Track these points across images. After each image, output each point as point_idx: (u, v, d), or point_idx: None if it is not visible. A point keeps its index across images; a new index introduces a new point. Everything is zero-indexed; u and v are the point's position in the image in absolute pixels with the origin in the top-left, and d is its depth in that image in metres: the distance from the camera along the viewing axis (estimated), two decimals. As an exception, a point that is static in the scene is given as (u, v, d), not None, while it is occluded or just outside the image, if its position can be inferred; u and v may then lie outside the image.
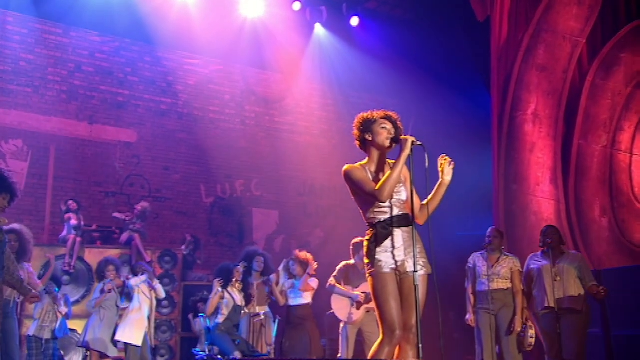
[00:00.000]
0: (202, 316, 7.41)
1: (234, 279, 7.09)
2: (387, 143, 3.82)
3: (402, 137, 3.74)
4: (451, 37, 11.17)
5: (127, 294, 7.30)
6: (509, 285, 6.56)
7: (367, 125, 3.91)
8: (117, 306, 7.35)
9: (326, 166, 12.42)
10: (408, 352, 3.66)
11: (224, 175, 11.44)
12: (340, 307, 6.98)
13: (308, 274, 7.23)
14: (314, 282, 7.35)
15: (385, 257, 3.72)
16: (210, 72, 11.64)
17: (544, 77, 9.40)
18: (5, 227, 6.11)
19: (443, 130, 11.97)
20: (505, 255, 6.72)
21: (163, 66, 11.13)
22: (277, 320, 7.55)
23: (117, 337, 7.06)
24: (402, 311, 3.66)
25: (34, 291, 5.43)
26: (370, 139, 3.90)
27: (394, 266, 3.72)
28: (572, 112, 9.32)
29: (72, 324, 7.95)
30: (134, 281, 7.24)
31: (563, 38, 9.52)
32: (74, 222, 9.06)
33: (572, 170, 9.19)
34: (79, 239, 8.95)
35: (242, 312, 7.07)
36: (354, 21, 11.55)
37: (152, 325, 7.56)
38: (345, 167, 3.90)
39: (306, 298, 7.25)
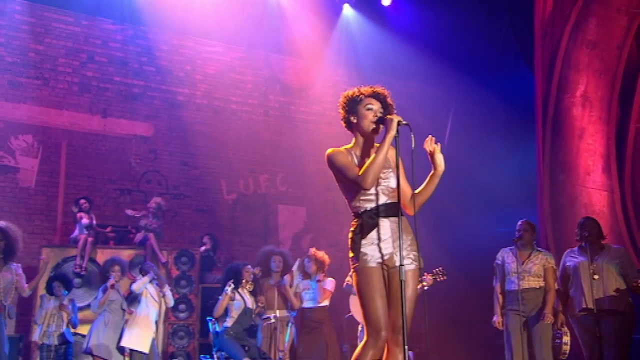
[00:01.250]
0: (210, 319, 7.28)
1: (243, 280, 6.89)
2: (372, 127, 3.68)
3: (388, 116, 3.58)
4: (491, 14, 10.78)
5: (134, 297, 7.19)
6: (542, 284, 6.24)
7: (351, 106, 3.77)
8: (123, 309, 7.26)
9: None
10: (397, 356, 3.50)
11: (246, 170, 11.32)
12: (359, 309, 6.67)
13: (319, 280, 7.04)
14: (330, 284, 7.17)
15: (371, 250, 3.57)
16: (231, 59, 11.53)
17: (595, 55, 8.98)
18: None
19: (483, 116, 11.66)
20: (537, 250, 6.42)
21: (180, 54, 11.07)
22: (290, 324, 7.36)
23: (122, 343, 6.98)
24: (390, 310, 3.51)
25: None
26: (355, 121, 3.77)
27: (380, 260, 3.57)
28: (628, 93, 8.89)
29: (82, 329, 7.91)
30: (135, 285, 7.15)
31: (618, 11, 9.07)
32: (85, 221, 9.06)
33: (629, 157, 8.77)
34: (90, 239, 8.93)
35: (253, 315, 6.89)
36: (386, 1, 11.28)
37: (161, 330, 7.46)
38: (329, 150, 3.77)
39: (322, 300, 7.06)
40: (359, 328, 6.85)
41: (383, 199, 3.62)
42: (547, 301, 6.11)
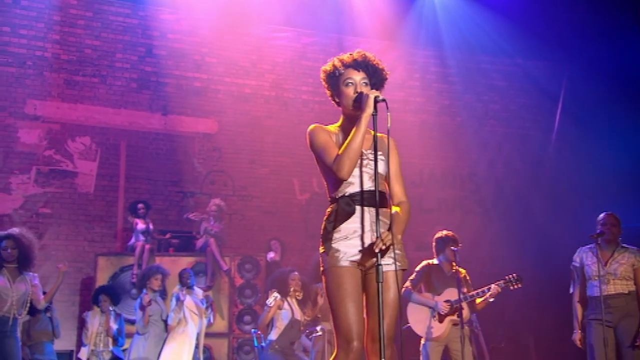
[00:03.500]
0: (255, 332, 6.90)
1: (291, 289, 6.66)
2: (354, 105, 3.37)
3: (363, 92, 3.31)
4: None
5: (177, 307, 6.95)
6: (632, 288, 5.67)
7: (331, 83, 3.52)
8: (164, 321, 7.11)
9: (449, 149, 11.68)
10: None
11: None
12: (418, 319, 6.36)
13: None
14: None
15: (345, 245, 3.27)
16: (302, 45, 11.13)
17: None
18: (1, 233, 5.93)
19: (603, 93, 10.73)
20: (622, 247, 5.84)
21: (245, 43, 10.76)
22: None
23: (161, 358, 6.70)
24: (369, 317, 3.28)
25: None
26: (338, 100, 3.52)
27: (356, 258, 3.26)
28: None
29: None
30: (170, 319, 6.87)
31: None
32: (141, 226, 8.95)
33: None
34: (147, 247, 8.80)
35: (302, 327, 6.55)
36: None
37: (202, 346, 7.15)
38: (311, 127, 3.50)
39: None
40: (421, 342, 6.41)
41: (368, 185, 3.32)
42: None
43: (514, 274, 6.36)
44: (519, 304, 10.28)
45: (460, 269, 6.40)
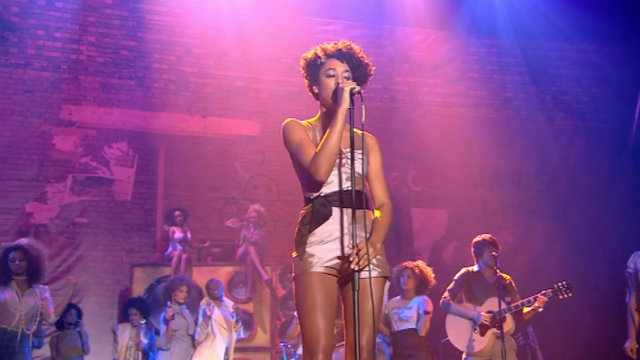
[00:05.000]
0: (284, 345, 6.63)
1: None
2: (332, 97, 3.29)
3: (340, 85, 3.22)
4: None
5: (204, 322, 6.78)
6: None
7: (311, 72, 3.42)
8: (191, 336, 6.98)
9: (513, 146, 11.25)
10: None
11: None
12: (457, 332, 6.14)
13: (426, 312, 6.39)
14: (428, 304, 6.55)
15: (320, 250, 3.17)
16: (349, 38, 10.43)
17: None
18: (9, 244, 5.84)
19: None
20: None
21: (290, 38, 10.49)
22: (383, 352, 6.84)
23: (186, 376, 6.57)
24: (348, 328, 3.15)
25: None
26: (317, 91, 3.42)
27: (332, 263, 3.15)
28: None
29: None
30: (197, 334, 6.66)
31: None
32: (178, 235, 8.84)
33: None
34: (184, 256, 8.67)
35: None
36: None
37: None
38: (285, 121, 3.40)
39: (415, 321, 6.51)
40: (463, 356, 6.15)
41: (346, 185, 3.22)
42: None
43: (564, 282, 6.02)
44: (595, 316, 9.71)
45: (505, 276, 6.15)
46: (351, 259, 2.98)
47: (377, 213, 3.32)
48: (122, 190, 9.65)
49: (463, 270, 6.35)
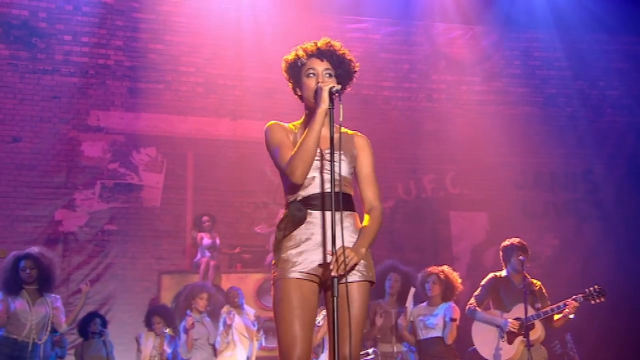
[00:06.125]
0: None
1: None
2: (313, 97, 3.28)
3: (319, 84, 3.23)
4: None
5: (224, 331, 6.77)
6: None
7: (293, 74, 3.44)
8: (211, 344, 6.99)
9: (559, 144, 11.04)
10: None
11: (406, 170, 10.55)
12: (484, 340, 6.08)
13: (453, 319, 6.29)
14: (454, 311, 6.46)
15: (296, 255, 3.17)
16: (382, 36, 10.82)
17: None
18: (19, 252, 5.90)
19: None
20: None
21: (318, 37, 10.33)
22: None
23: (206, 387, 6.56)
24: (329, 335, 3.10)
25: None
26: (300, 93, 3.45)
27: (309, 269, 3.16)
28: None
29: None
30: (218, 343, 6.64)
31: None
32: (207, 241, 8.87)
33: None
34: (212, 263, 8.69)
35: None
36: None
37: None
38: (267, 124, 3.46)
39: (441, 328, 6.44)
40: None
41: (328, 187, 3.16)
42: None
43: (596, 286, 5.90)
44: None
45: (535, 281, 6.10)
46: (331, 266, 2.94)
47: (365, 217, 3.31)
48: (151, 197, 9.71)
49: (490, 275, 6.29)
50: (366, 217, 3.32)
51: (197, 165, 9.87)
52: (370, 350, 6.43)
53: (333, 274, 2.92)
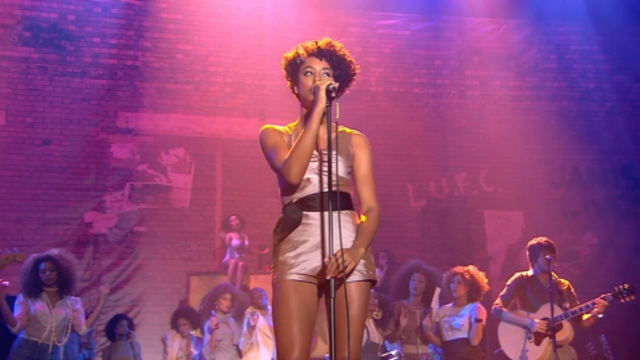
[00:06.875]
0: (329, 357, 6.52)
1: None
2: (311, 97, 3.26)
3: (317, 82, 3.22)
4: None
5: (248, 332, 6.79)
6: None
7: (291, 72, 3.44)
8: (235, 345, 7.02)
9: (597, 140, 10.88)
10: None
11: (438, 168, 10.49)
12: (511, 341, 6.01)
13: (478, 319, 6.22)
14: (480, 311, 6.38)
15: (293, 257, 3.18)
16: (412, 32, 10.78)
17: None
18: (39, 255, 5.96)
19: None
20: None
21: (350, 35, 10.49)
22: None
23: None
24: (329, 337, 3.03)
25: None
26: (297, 92, 3.44)
27: (308, 270, 3.17)
28: None
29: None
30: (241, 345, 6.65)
31: None
32: (236, 242, 8.89)
33: None
34: (241, 264, 8.72)
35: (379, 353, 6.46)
36: None
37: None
38: (261, 128, 3.50)
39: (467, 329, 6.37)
40: None
41: (325, 187, 3.19)
42: None
43: (626, 285, 5.79)
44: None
45: (563, 281, 6.01)
46: (327, 270, 2.95)
47: (362, 218, 3.29)
48: (180, 198, 9.79)
49: (517, 274, 6.23)
50: (363, 217, 3.30)
51: (225, 166, 9.94)
52: (393, 352, 6.41)
53: (328, 276, 2.93)
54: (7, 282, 5.92)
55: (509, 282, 6.21)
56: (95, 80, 9.82)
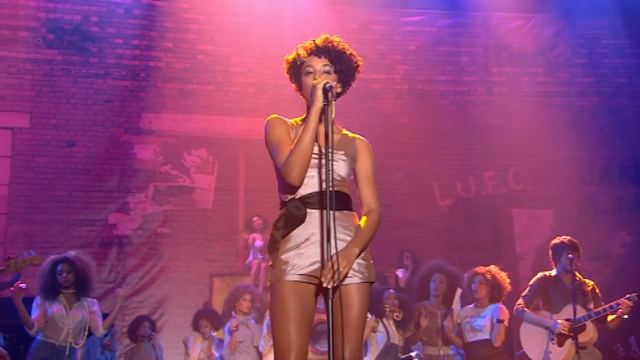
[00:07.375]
0: None
1: (386, 309, 6.47)
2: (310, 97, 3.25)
3: (313, 81, 3.22)
4: None
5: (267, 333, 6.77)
6: None
7: (294, 74, 3.45)
8: (255, 347, 6.98)
9: (630, 136, 10.71)
10: None
11: (465, 166, 10.41)
12: (533, 343, 5.94)
13: (500, 320, 6.14)
14: (502, 312, 6.31)
15: (295, 256, 3.15)
16: (438, 29, 10.70)
17: None
18: (56, 257, 5.98)
19: None
20: None
21: (373, 32, 10.51)
22: None
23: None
24: (328, 338, 3.00)
25: None
26: (302, 93, 3.43)
27: (310, 270, 3.13)
28: None
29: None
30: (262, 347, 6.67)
31: None
32: (258, 243, 8.90)
33: None
34: (263, 265, 8.70)
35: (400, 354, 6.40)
36: None
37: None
38: (268, 117, 3.41)
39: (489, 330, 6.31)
40: None
41: (325, 186, 3.11)
42: None
43: None
44: None
45: (587, 281, 5.95)
46: (322, 278, 2.93)
47: (363, 219, 3.29)
48: (203, 198, 9.82)
49: (539, 274, 6.19)
50: (364, 218, 3.29)
51: (248, 167, 9.94)
52: (413, 354, 6.33)
53: (325, 285, 2.92)
54: (24, 285, 5.96)
55: (531, 282, 6.16)
56: (118, 82, 9.89)
